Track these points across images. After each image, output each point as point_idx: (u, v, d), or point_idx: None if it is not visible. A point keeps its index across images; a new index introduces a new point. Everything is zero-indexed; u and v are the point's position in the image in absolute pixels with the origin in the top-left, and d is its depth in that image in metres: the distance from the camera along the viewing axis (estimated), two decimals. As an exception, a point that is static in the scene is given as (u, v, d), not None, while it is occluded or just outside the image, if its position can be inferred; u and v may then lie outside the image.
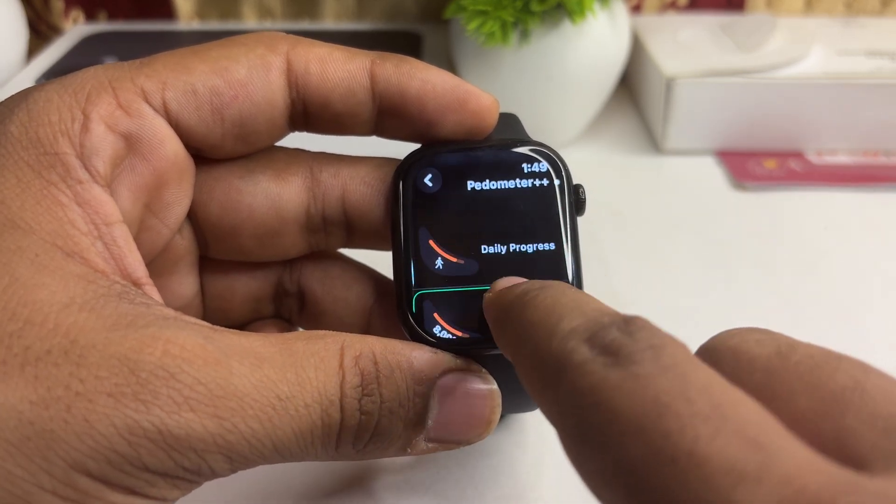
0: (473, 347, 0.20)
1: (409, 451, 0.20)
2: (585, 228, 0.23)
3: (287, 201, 0.22)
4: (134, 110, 0.19)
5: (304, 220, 0.22)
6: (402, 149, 0.22)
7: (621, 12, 0.41)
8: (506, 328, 0.17)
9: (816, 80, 0.41)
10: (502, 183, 0.21)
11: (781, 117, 0.42)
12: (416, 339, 0.20)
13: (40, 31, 0.54)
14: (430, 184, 0.21)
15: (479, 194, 0.21)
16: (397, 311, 0.21)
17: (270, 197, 0.22)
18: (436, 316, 0.21)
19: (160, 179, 0.20)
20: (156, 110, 0.19)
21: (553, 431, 0.15)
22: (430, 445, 0.20)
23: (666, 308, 0.32)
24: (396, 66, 0.21)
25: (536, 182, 0.21)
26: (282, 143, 0.22)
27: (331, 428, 0.18)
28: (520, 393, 0.22)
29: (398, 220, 0.21)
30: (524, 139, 0.22)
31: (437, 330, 0.20)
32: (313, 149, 0.23)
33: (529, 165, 0.21)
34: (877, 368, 0.14)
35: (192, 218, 0.22)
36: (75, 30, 0.52)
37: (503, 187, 0.21)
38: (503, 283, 0.19)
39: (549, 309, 0.16)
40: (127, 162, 0.19)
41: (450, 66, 0.44)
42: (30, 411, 0.15)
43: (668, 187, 0.41)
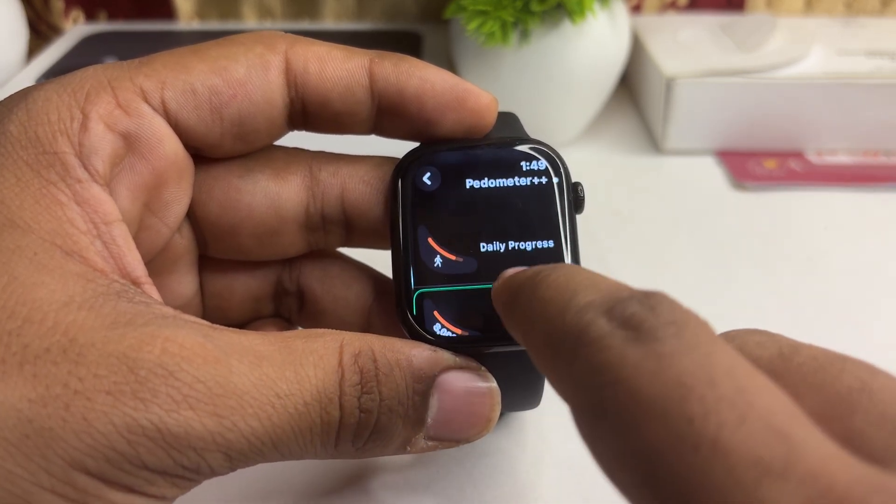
0: (473, 345, 0.20)
1: (409, 449, 0.20)
2: (585, 228, 0.23)
3: (286, 200, 0.22)
4: (133, 109, 0.19)
5: (304, 218, 0.22)
6: (401, 147, 0.22)
7: (621, 12, 0.41)
8: (515, 309, 0.17)
9: (816, 80, 0.41)
10: (501, 181, 0.21)
11: (781, 117, 0.42)
12: (416, 338, 0.20)
13: (40, 31, 0.54)
14: (429, 182, 0.21)
15: (477, 192, 0.21)
16: (396, 309, 0.21)
17: (269, 196, 0.22)
18: (435, 314, 0.21)
19: (159, 178, 0.20)
20: (155, 109, 0.19)
21: (553, 431, 0.14)
22: (429, 443, 0.20)
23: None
24: (395, 65, 0.21)
25: (535, 180, 0.21)
26: (281, 142, 0.22)
27: (330, 426, 0.18)
28: (519, 391, 0.22)
29: (397, 218, 0.21)
30: (523, 137, 0.22)
31: (436, 328, 0.20)
32: (312, 148, 0.23)
33: (528, 163, 0.21)
34: (883, 369, 0.14)
35: (192, 217, 0.22)
36: (75, 30, 0.52)
37: (502, 185, 0.21)
38: (511, 271, 0.19)
39: (563, 286, 0.15)
40: (126, 161, 0.19)
41: (450, 66, 0.44)
42: (28, 409, 0.15)
43: (667, 187, 0.41)
